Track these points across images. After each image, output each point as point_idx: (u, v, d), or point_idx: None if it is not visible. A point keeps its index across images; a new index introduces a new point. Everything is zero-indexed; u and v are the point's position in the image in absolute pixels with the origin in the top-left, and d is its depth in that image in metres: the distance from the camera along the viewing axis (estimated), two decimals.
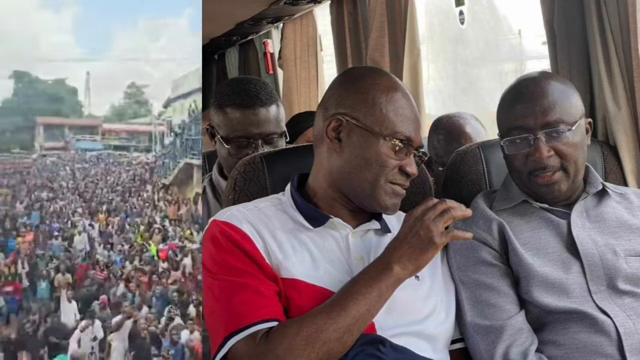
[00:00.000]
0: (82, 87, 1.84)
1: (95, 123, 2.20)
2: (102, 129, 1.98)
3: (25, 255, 5.26)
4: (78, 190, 6.82)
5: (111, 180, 6.98)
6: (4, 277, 4.88)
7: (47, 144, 2.54)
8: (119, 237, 5.73)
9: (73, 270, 5.17)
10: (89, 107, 1.98)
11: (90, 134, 2.29)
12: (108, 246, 5.58)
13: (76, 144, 2.83)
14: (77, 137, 2.42)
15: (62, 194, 6.69)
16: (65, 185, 6.74)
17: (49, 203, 6.49)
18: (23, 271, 5.01)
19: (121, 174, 5.39)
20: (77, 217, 6.32)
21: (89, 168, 6.22)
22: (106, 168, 5.79)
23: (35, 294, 4.90)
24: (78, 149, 3.47)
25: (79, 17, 1.45)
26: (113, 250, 5.44)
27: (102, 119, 2.07)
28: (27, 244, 5.44)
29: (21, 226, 5.66)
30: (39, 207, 6.21)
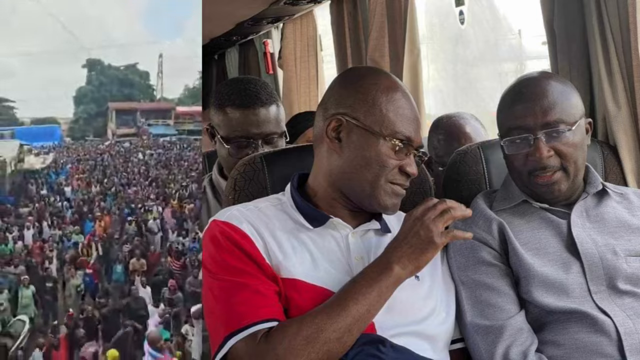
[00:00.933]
0: (154, 71, 1.83)
1: (167, 106, 2.19)
2: (175, 112, 1.96)
3: (100, 238, 5.31)
4: (151, 176, 6.96)
5: (185, 166, 7.14)
6: (83, 257, 4.82)
7: (119, 131, 2.56)
8: (193, 225, 5.79)
9: (147, 256, 5.18)
10: (161, 91, 1.99)
11: (162, 118, 2.27)
12: (183, 232, 5.62)
13: (149, 129, 2.85)
14: (150, 121, 2.42)
15: (134, 179, 6.86)
16: (138, 171, 6.91)
17: (123, 188, 6.64)
18: (96, 253, 5.01)
19: (196, 159, 5.36)
20: (150, 202, 6.40)
21: (162, 154, 6.32)
22: (180, 153, 5.83)
23: (111, 277, 4.90)
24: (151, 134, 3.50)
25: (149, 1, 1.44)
26: (188, 237, 5.48)
27: (175, 102, 2.07)
28: (102, 228, 5.52)
29: (96, 210, 5.76)
30: (113, 193, 6.34)
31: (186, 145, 9.89)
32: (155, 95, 13.77)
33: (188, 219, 6.36)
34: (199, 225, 5.74)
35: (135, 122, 11.80)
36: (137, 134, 10.26)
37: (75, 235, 6.10)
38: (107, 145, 11.08)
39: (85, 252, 5.60)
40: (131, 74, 15.31)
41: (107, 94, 14.57)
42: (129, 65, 14.98)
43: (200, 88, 7.71)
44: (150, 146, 9.95)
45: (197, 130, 5.78)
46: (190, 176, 8.29)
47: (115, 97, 14.31)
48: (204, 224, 1.51)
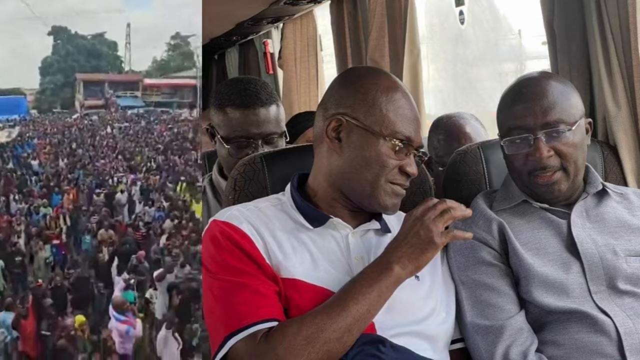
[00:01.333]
0: (122, 41, 1.83)
1: (135, 78, 2.18)
2: (144, 84, 1.96)
3: (68, 210, 5.39)
4: (118, 148, 7.05)
5: (152, 139, 7.21)
6: (51, 230, 4.95)
7: (87, 102, 2.56)
8: (159, 195, 5.90)
9: (115, 226, 5.31)
10: (129, 63, 1.98)
11: (131, 90, 2.28)
12: (149, 202, 5.73)
13: (117, 101, 2.86)
14: (118, 93, 2.43)
15: (102, 152, 6.94)
16: (106, 144, 6.99)
17: (91, 161, 6.69)
18: (65, 226, 5.10)
19: (163, 132, 5.42)
20: (118, 175, 6.52)
21: (130, 127, 6.37)
22: (147, 126, 5.87)
23: (79, 247, 5.00)
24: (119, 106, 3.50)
25: None
26: (154, 206, 5.58)
27: (144, 74, 2.07)
28: (70, 200, 5.60)
29: (64, 183, 5.83)
30: (81, 166, 6.40)
31: (154, 117, 9.85)
32: (123, 67, 13.66)
33: (154, 190, 6.47)
34: (164, 195, 5.83)
35: (103, 94, 11.74)
36: (105, 106, 10.22)
37: (44, 208, 6.14)
38: (74, 119, 11.01)
39: (53, 224, 5.67)
40: (99, 44, 15.10)
41: (74, 64, 14.39)
42: (96, 35, 14.76)
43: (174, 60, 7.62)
44: (118, 119, 9.94)
45: (164, 103, 5.81)
46: (157, 148, 8.35)
47: (82, 68, 14.14)
48: (204, 224, 1.51)
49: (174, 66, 7.42)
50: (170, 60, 7.11)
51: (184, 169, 7.52)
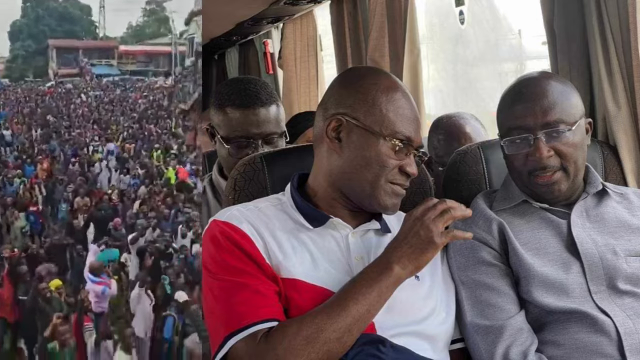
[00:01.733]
0: (96, 5, 1.80)
1: (111, 45, 2.15)
2: (119, 51, 1.94)
3: (43, 180, 5.43)
4: (93, 117, 6.97)
5: (128, 108, 7.12)
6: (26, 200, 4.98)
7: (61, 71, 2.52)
8: (134, 163, 5.96)
9: (91, 195, 5.37)
10: (104, 28, 1.95)
11: (106, 57, 2.24)
12: (124, 171, 5.79)
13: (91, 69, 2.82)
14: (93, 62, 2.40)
15: (77, 122, 6.85)
16: (81, 113, 6.87)
17: (67, 131, 6.63)
18: (41, 196, 5.15)
19: (138, 101, 5.37)
20: (93, 144, 6.53)
21: (105, 95, 6.27)
22: (122, 95, 5.81)
23: (56, 217, 5.07)
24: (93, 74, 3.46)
25: None
26: (129, 174, 5.64)
27: (119, 41, 2.04)
28: (44, 171, 5.63)
29: (38, 153, 5.85)
30: (55, 135, 6.37)
31: (129, 85, 9.70)
32: (97, 32, 13.28)
33: (130, 159, 6.52)
34: (139, 164, 5.90)
35: (77, 62, 11.53)
36: (80, 74, 10.05)
37: (18, 179, 6.15)
38: (48, 87, 10.87)
39: (29, 194, 5.71)
40: (71, 7, 14.70)
41: (45, 29, 14.07)
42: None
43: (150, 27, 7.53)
44: (93, 87, 9.83)
45: (139, 71, 5.68)
46: (132, 117, 8.33)
47: (54, 33, 13.79)
48: (204, 224, 1.51)
49: (149, 33, 7.28)
50: (146, 27, 6.98)
51: (159, 137, 7.58)
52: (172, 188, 5.30)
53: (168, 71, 3.04)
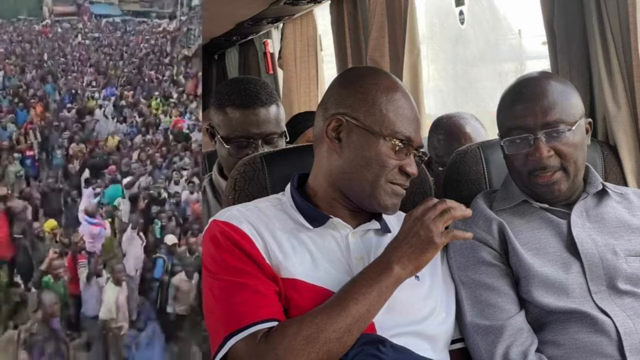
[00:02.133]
0: None
1: None
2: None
3: (38, 126, 5.37)
4: (91, 61, 6.76)
5: (128, 52, 6.89)
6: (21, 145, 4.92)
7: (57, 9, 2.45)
8: (132, 111, 5.91)
9: (86, 142, 5.37)
10: None
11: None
12: (121, 119, 5.75)
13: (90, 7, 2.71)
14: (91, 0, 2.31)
15: (74, 65, 6.68)
16: (78, 56, 6.66)
17: (64, 74, 6.49)
18: (35, 141, 5.12)
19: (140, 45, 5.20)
20: (90, 89, 6.42)
21: (104, 37, 6.01)
22: (123, 38, 5.61)
23: (51, 163, 5.06)
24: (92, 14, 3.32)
25: None
26: (126, 122, 5.62)
27: None
28: (40, 116, 5.58)
29: (32, 97, 5.74)
30: (50, 79, 6.26)
31: (130, 28, 9.39)
32: None
33: (127, 107, 6.48)
34: (137, 111, 5.86)
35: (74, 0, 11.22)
36: (77, 14, 9.77)
37: (11, 123, 6.11)
38: (43, 26, 10.60)
39: (23, 140, 5.70)
40: None
41: None
42: None
43: None
44: (91, 28, 9.55)
45: (142, 12, 5.45)
46: (132, 62, 8.13)
47: None
48: (204, 224, 1.51)
49: None
50: None
51: (159, 84, 7.40)
52: (169, 136, 5.32)
53: (173, 12, 2.94)
